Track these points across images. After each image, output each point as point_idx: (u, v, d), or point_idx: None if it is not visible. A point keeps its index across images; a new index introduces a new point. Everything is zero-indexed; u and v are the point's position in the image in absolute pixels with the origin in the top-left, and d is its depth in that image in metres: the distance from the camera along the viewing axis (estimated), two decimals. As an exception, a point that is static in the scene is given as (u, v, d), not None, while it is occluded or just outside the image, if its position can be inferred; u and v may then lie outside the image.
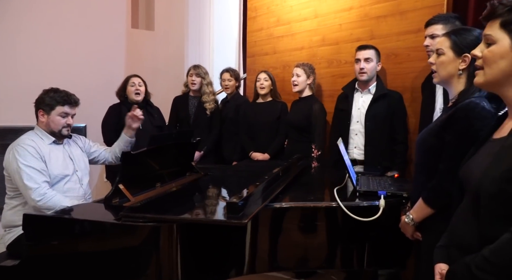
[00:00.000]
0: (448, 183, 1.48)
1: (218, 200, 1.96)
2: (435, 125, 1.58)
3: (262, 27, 3.83)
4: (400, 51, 2.79)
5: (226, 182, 2.39)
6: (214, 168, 2.80)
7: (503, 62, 1.04)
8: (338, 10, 3.18)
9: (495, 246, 0.95)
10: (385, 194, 1.84)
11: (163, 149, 2.07)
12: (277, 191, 1.81)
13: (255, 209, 1.49)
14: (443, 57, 1.58)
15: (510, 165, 0.98)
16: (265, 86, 3.30)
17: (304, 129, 3.04)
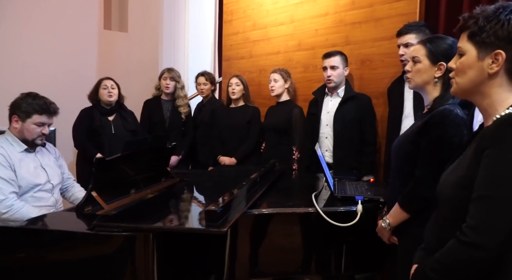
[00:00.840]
0: (424, 188, 1.51)
1: (196, 207, 1.92)
2: (411, 132, 1.61)
3: (238, 31, 3.81)
4: (375, 57, 2.84)
5: (203, 188, 2.35)
6: (190, 173, 2.76)
7: (471, 72, 1.06)
8: (314, 16, 3.21)
9: (444, 249, 1.02)
10: (362, 199, 1.86)
11: (137, 154, 2.02)
12: (255, 197, 1.79)
13: (234, 217, 1.47)
14: (419, 65, 1.60)
15: (465, 172, 1.03)
16: (236, 91, 3.29)
17: (284, 132, 3.06)
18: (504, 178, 0.93)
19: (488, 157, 0.96)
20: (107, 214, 1.64)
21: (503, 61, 1.01)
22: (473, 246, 0.94)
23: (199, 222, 1.49)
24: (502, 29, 1.00)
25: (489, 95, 1.05)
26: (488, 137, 0.98)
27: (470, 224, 0.96)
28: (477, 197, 0.97)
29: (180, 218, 1.66)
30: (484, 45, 1.03)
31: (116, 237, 1.42)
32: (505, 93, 1.03)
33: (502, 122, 0.98)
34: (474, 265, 0.96)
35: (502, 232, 0.92)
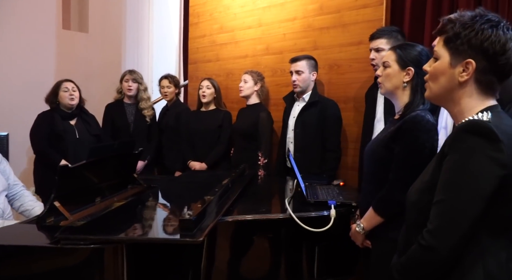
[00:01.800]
0: (398, 193, 1.52)
1: (168, 215, 1.84)
2: (384, 137, 1.63)
3: (204, 34, 3.76)
4: (343, 62, 2.87)
5: (173, 195, 2.27)
6: (157, 179, 2.67)
7: (443, 78, 1.06)
8: (282, 20, 3.21)
9: (408, 252, 1.04)
10: (335, 203, 1.86)
11: (102, 160, 1.92)
12: (228, 204, 1.75)
13: (209, 225, 1.42)
14: (389, 70, 1.64)
15: (428, 177, 1.05)
16: (207, 94, 3.23)
17: (251, 137, 3.02)
18: (458, 183, 0.95)
19: (447, 163, 0.98)
20: (72, 225, 1.54)
21: (473, 71, 1.01)
22: (429, 249, 0.97)
23: (174, 232, 1.42)
24: (475, 38, 0.99)
25: (459, 103, 1.06)
26: (448, 143, 1.00)
27: (428, 228, 0.98)
28: (435, 201, 0.99)
29: (153, 227, 1.59)
30: (457, 52, 1.03)
31: (83, 250, 1.33)
32: (474, 102, 1.04)
33: (460, 129, 0.99)
34: (431, 267, 0.99)
35: (455, 236, 0.94)
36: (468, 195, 0.94)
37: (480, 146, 0.94)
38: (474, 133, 0.95)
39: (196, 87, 3.75)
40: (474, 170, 0.94)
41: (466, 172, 0.94)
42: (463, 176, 0.95)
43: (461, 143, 0.96)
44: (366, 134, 2.49)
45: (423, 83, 1.58)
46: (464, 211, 0.94)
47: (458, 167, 0.96)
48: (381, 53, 2.34)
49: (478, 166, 0.93)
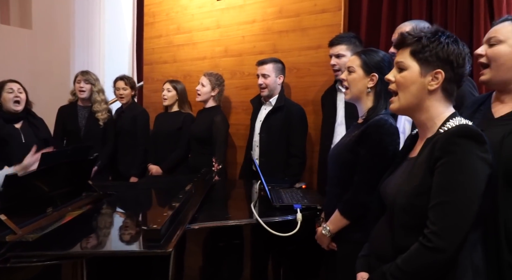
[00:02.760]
0: (364, 195, 1.56)
1: (131, 225, 1.74)
2: (349, 141, 1.65)
3: (161, 34, 3.65)
4: (302, 65, 2.90)
5: (134, 203, 2.16)
6: (115, 185, 2.54)
7: (414, 87, 1.14)
8: (241, 22, 3.19)
9: (406, 255, 1.06)
10: (301, 207, 1.86)
11: (53, 167, 1.79)
12: (193, 211, 1.70)
13: (176, 234, 1.36)
14: (354, 75, 1.67)
15: (419, 181, 1.09)
16: (168, 97, 3.15)
17: (205, 141, 2.96)
18: (458, 183, 1.01)
19: (442, 165, 1.03)
20: (23, 239, 1.41)
21: (442, 80, 1.11)
22: (437, 250, 1.00)
23: (140, 243, 1.34)
24: (442, 51, 1.10)
25: (427, 110, 1.14)
26: (440, 148, 1.04)
27: (432, 229, 1.01)
28: (436, 203, 1.03)
29: (115, 239, 1.49)
30: (426, 63, 1.12)
31: (37, 268, 1.22)
32: (441, 108, 1.14)
33: (452, 134, 1.05)
34: (436, 267, 1.02)
35: (461, 234, 1.00)
36: (468, 194, 1.00)
37: (472, 148, 1.01)
38: (466, 137, 1.03)
39: (151, 89, 3.67)
40: (471, 170, 1.01)
41: (464, 172, 1.01)
42: (461, 176, 1.01)
43: (455, 146, 1.02)
44: (326, 137, 2.52)
45: (386, 89, 1.64)
46: (467, 209, 1.00)
47: (455, 168, 1.02)
48: (341, 59, 2.39)
49: (474, 166, 1.01)
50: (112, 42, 4.65)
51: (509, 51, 1.30)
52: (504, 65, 1.31)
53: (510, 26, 1.32)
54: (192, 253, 1.58)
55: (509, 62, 1.30)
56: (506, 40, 1.31)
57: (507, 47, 1.31)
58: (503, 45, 1.31)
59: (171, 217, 1.44)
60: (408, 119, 1.90)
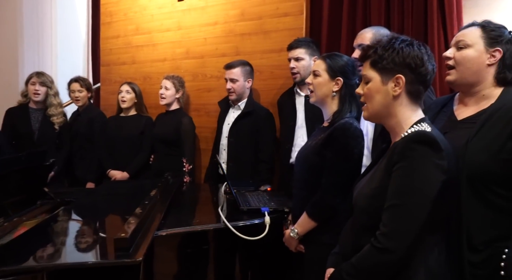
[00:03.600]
0: (331, 197, 1.59)
1: (96, 234, 1.66)
2: (315, 144, 1.68)
3: (119, 35, 3.53)
4: (264, 68, 2.91)
5: (96, 210, 2.06)
6: (72, 192, 2.42)
7: (379, 96, 1.18)
8: (202, 24, 3.15)
9: (359, 254, 1.12)
10: (268, 210, 1.87)
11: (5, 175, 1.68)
12: (160, 217, 1.66)
13: (145, 242, 1.32)
14: (319, 79, 1.70)
15: (378, 184, 1.14)
16: (127, 99, 3.06)
17: (173, 143, 2.91)
18: (411, 188, 1.05)
19: (398, 170, 1.08)
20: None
21: (403, 84, 1.15)
22: (386, 251, 1.05)
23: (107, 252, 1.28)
24: (398, 56, 1.15)
25: (395, 115, 1.18)
26: (398, 152, 1.09)
27: (383, 231, 1.06)
28: (388, 206, 1.07)
29: (79, 249, 1.41)
30: (385, 71, 1.17)
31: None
32: (408, 112, 1.18)
33: (410, 139, 1.10)
34: (386, 267, 1.07)
35: (410, 237, 1.04)
36: (419, 198, 1.04)
37: (427, 154, 1.05)
38: (422, 143, 1.06)
39: (109, 90, 3.54)
40: (424, 176, 1.04)
41: (417, 178, 1.05)
42: (414, 181, 1.05)
43: (411, 152, 1.07)
44: (286, 141, 2.55)
45: (351, 93, 1.69)
46: (416, 213, 1.04)
47: (409, 174, 1.06)
48: (300, 62, 2.44)
49: (427, 172, 1.04)
50: (65, 42, 4.43)
51: (476, 56, 1.37)
52: (470, 69, 1.37)
53: (477, 32, 1.38)
54: (161, 260, 1.53)
55: (475, 66, 1.37)
56: (473, 45, 1.37)
57: (474, 52, 1.37)
58: (470, 50, 1.37)
59: (138, 224, 1.39)
60: (371, 122, 1.95)
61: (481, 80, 1.38)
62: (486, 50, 1.36)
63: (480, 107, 1.38)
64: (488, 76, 1.37)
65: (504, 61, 1.36)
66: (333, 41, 2.69)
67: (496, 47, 1.36)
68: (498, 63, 1.37)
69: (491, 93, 1.37)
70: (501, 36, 1.37)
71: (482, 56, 1.36)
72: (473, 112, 1.39)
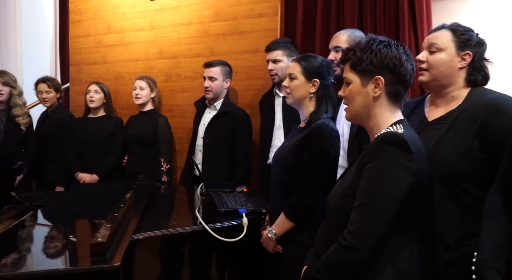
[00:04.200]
0: (308, 198, 1.60)
1: (69, 239, 1.59)
2: (292, 145, 1.69)
3: (89, 33, 3.44)
4: (239, 69, 2.90)
5: (67, 214, 1.98)
6: (42, 196, 2.33)
7: (359, 98, 1.19)
8: (176, 24, 3.11)
9: (328, 252, 1.13)
10: (246, 211, 1.87)
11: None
12: (136, 220, 1.62)
13: (122, 246, 1.29)
14: (296, 81, 1.71)
15: (349, 183, 1.15)
16: (96, 100, 2.98)
17: (150, 143, 2.87)
18: (378, 188, 1.07)
19: (367, 170, 1.09)
20: None
21: (383, 85, 1.16)
22: (351, 249, 1.07)
23: (83, 258, 1.24)
24: (376, 58, 1.16)
25: (374, 116, 1.19)
26: (368, 153, 1.11)
27: (349, 229, 1.08)
28: (356, 205, 1.09)
29: (52, 255, 1.35)
30: (365, 73, 1.17)
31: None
32: (387, 114, 1.19)
33: (379, 140, 1.11)
34: (351, 265, 1.09)
35: (375, 236, 1.06)
36: (386, 199, 1.05)
37: (397, 156, 1.07)
38: (392, 144, 1.08)
39: (79, 91, 3.44)
40: (392, 177, 1.06)
41: (385, 179, 1.06)
42: (382, 182, 1.06)
43: (381, 152, 1.08)
44: (265, 142, 2.55)
45: (327, 93, 1.70)
46: (382, 213, 1.05)
47: (377, 174, 1.07)
48: (278, 64, 2.44)
49: (395, 173, 1.06)
50: (30, 40, 4.26)
51: (448, 59, 1.41)
52: (443, 73, 1.42)
53: (449, 35, 1.42)
54: (139, 264, 1.50)
55: (447, 70, 1.41)
56: (446, 49, 1.41)
57: (446, 55, 1.41)
58: (443, 54, 1.42)
59: (115, 228, 1.35)
60: (347, 123, 1.98)
61: (453, 82, 1.42)
62: (457, 53, 1.41)
63: (449, 108, 1.42)
64: (459, 78, 1.42)
65: (473, 64, 1.41)
66: (308, 43, 2.72)
67: (466, 50, 1.40)
68: (468, 66, 1.41)
69: (460, 94, 1.42)
70: (470, 40, 1.41)
71: (454, 60, 1.41)
72: (442, 113, 1.43)
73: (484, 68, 1.44)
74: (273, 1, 2.79)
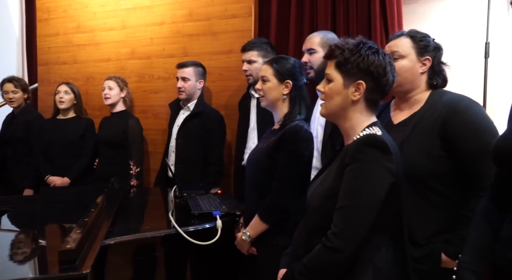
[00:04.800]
0: (282, 200, 1.61)
1: (37, 246, 1.54)
2: (266, 147, 1.69)
3: (58, 32, 3.34)
4: (213, 70, 2.88)
5: (36, 219, 1.91)
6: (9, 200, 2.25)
7: (338, 97, 1.20)
8: (148, 24, 3.06)
9: (311, 254, 1.13)
10: (220, 214, 1.85)
11: None
12: (108, 224, 1.58)
13: (92, 252, 1.26)
14: (268, 84, 1.72)
15: (330, 185, 1.17)
16: (66, 101, 2.91)
17: (120, 146, 2.81)
18: (360, 190, 1.09)
19: (349, 172, 1.11)
20: None
21: (363, 90, 1.17)
22: (335, 250, 1.08)
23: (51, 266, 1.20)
24: (363, 63, 1.16)
25: (350, 119, 1.20)
26: (349, 155, 1.12)
27: (333, 230, 1.09)
28: (339, 207, 1.10)
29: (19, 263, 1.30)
30: (349, 75, 1.17)
31: None
32: (363, 117, 1.20)
33: (360, 142, 1.13)
34: (335, 266, 1.10)
35: (359, 237, 1.08)
36: (369, 200, 1.07)
37: (377, 157, 1.09)
38: (372, 146, 1.10)
39: (48, 91, 3.34)
40: (373, 178, 1.08)
41: (367, 180, 1.08)
42: (364, 183, 1.08)
43: (362, 154, 1.10)
44: (241, 142, 2.55)
45: (300, 94, 1.72)
46: (366, 214, 1.08)
47: (359, 176, 1.09)
48: (253, 65, 2.44)
49: (376, 174, 1.08)
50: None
51: (411, 66, 1.47)
52: (406, 79, 1.47)
53: (408, 42, 1.48)
54: (111, 270, 1.47)
55: (410, 76, 1.47)
56: (407, 55, 1.47)
57: (408, 62, 1.47)
58: (405, 60, 1.47)
59: (85, 233, 1.32)
60: (320, 124, 2.00)
61: (416, 87, 1.49)
62: (418, 59, 1.47)
63: (412, 110, 1.49)
64: (421, 83, 1.49)
65: (433, 68, 1.48)
66: (282, 44, 2.73)
67: (426, 56, 1.47)
68: (429, 70, 1.48)
69: (422, 97, 1.48)
70: (429, 45, 1.48)
71: (415, 66, 1.47)
72: (406, 116, 1.49)
73: (443, 71, 1.51)
74: (247, 2, 2.79)
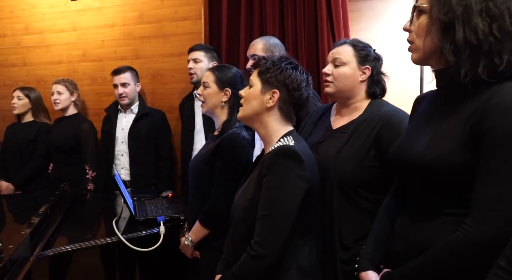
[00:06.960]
0: (221, 205, 1.66)
1: None
2: (205, 153, 1.74)
3: (5, 34, 3.25)
4: (165, 72, 2.90)
5: None
6: None
7: (255, 102, 1.29)
8: (99, 26, 3.04)
9: (238, 262, 1.20)
10: (164, 219, 1.89)
11: None
12: (48, 235, 1.60)
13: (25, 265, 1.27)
14: (208, 90, 1.77)
15: (251, 195, 1.24)
16: (18, 106, 2.90)
17: (73, 150, 2.80)
18: (277, 199, 1.16)
19: (266, 182, 1.18)
20: None
21: (277, 99, 1.26)
22: (259, 258, 1.15)
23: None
24: (281, 75, 1.26)
25: (266, 126, 1.29)
26: (266, 166, 1.19)
27: (256, 239, 1.17)
28: (260, 216, 1.18)
29: None
30: (267, 83, 1.27)
31: None
32: (277, 125, 1.28)
33: (274, 154, 1.20)
34: (261, 273, 1.18)
35: (280, 243, 1.15)
36: (286, 207, 1.15)
37: (290, 167, 1.16)
38: (285, 157, 1.17)
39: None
40: (289, 187, 1.16)
41: (283, 189, 1.16)
42: (280, 192, 1.16)
43: (275, 165, 1.17)
44: (187, 145, 2.62)
45: (239, 103, 1.77)
46: (284, 221, 1.15)
47: (275, 185, 1.16)
48: (198, 64, 2.51)
49: (291, 183, 1.16)
50: None
51: (351, 73, 1.51)
52: (346, 85, 1.52)
53: (350, 50, 1.53)
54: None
55: (350, 83, 1.52)
56: (348, 63, 1.52)
57: (349, 69, 1.52)
58: (346, 67, 1.52)
59: (18, 247, 1.33)
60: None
61: (355, 94, 1.54)
62: (359, 67, 1.52)
63: (351, 117, 1.53)
64: (361, 91, 1.54)
65: (372, 78, 1.53)
66: (232, 46, 2.76)
67: (366, 65, 1.52)
68: (368, 79, 1.53)
69: (361, 106, 1.53)
70: (369, 55, 1.53)
71: (356, 74, 1.52)
72: (346, 122, 1.54)
73: (382, 81, 1.56)
74: (197, 4, 2.81)
